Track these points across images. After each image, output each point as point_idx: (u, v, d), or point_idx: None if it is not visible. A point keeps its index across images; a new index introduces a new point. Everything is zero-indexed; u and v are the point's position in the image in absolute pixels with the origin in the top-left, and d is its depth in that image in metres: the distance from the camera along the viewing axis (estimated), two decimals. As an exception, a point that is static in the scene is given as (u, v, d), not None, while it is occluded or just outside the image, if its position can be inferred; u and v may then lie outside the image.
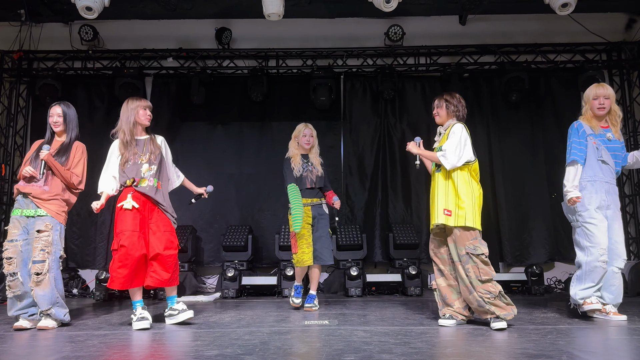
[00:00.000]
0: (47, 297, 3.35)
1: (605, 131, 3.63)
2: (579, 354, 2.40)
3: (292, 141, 4.47)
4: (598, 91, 3.62)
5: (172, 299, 3.55)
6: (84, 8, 5.14)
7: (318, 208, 4.31)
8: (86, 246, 6.26)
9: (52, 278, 3.39)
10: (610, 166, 3.56)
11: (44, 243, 3.42)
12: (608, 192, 3.53)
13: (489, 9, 6.30)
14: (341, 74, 6.67)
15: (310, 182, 4.29)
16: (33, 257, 3.39)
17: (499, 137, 6.48)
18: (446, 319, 3.29)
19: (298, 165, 4.30)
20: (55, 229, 3.50)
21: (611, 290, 3.49)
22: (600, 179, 3.53)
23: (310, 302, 4.23)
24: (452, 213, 3.24)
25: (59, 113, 3.70)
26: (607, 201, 3.50)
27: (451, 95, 3.52)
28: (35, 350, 2.73)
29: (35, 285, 3.35)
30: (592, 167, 3.56)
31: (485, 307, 3.14)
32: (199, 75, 6.38)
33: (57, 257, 3.48)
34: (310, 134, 4.42)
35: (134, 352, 2.56)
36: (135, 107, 3.61)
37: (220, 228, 6.24)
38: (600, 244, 3.40)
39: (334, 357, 2.33)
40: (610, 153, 3.57)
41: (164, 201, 3.55)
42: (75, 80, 6.68)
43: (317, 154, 4.42)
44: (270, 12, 5.33)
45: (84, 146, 3.80)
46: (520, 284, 5.63)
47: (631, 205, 6.40)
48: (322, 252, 4.20)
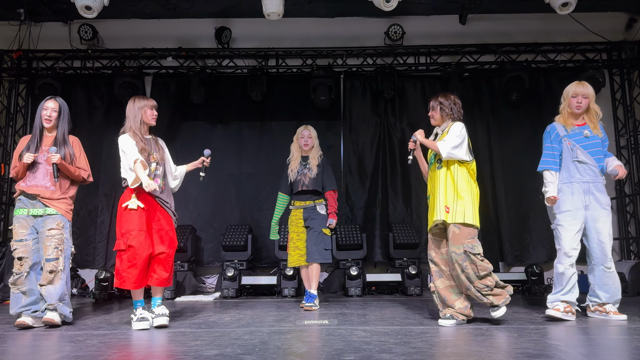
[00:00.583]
0: (58, 293, 3.39)
1: (581, 129, 3.56)
2: (580, 354, 2.39)
3: (294, 143, 4.52)
4: (577, 89, 3.58)
5: (156, 300, 3.45)
6: (84, 7, 5.14)
7: (310, 211, 4.35)
8: (86, 246, 6.25)
9: (64, 275, 3.43)
10: (589, 165, 3.49)
11: (57, 241, 3.44)
12: (587, 192, 3.47)
13: (489, 9, 6.29)
14: (341, 74, 6.66)
15: (302, 185, 4.35)
16: (47, 255, 3.40)
17: (499, 136, 6.48)
18: (446, 318, 3.28)
19: (295, 169, 4.39)
20: (66, 227, 3.54)
21: (606, 289, 3.47)
22: (578, 179, 3.49)
23: (310, 302, 4.22)
24: (451, 210, 3.26)
25: (54, 107, 3.61)
26: (585, 201, 3.46)
27: (445, 97, 3.50)
28: (35, 350, 2.71)
29: (47, 282, 3.37)
30: (567, 168, 3.53)
31: (484, 300, 3.21)
32: (199, 75, 6.37)
33: (69, 255, 3.52)
34: (309, 135, 4.42)
35: (134, 352, 2.55)
36: (143, 106, 3.53)
37: (220, 228, 6.24)
38: (564, 248, 3.42)
39: (333, 356, 2.32)
40: (587, 151, 3.50)
41: (170, 200, 3.58)
42: (75, 79, 6.68)
43: (317, 155, 4.41)
44: (270, 12, 5.32)
45: (78, 138, 3.77)
46: (521, 283, 5.62)
47: (631, 205, 6.39)
48: (311, 250, 4.24)
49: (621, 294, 3.53)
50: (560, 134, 3.58)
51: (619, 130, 6.53)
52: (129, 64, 6.60)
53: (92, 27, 6.35)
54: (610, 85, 6.62)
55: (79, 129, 6.33)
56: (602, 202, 3.48)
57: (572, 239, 3.43)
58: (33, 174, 3.53)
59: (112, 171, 6.43)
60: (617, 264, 5.67)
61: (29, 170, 3.53)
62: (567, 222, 3.45)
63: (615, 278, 3.48)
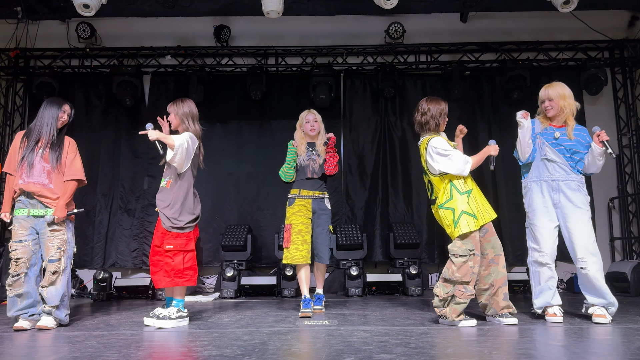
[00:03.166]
0: (58, 294, 3.35)
1: (554, 130, 3.48)
2: (580, 354, 2.37)
3: (297, 131, 4.17)
4: (541, 93, 3.55)
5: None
6: (81, 5, 5.11)
7: (319, 202, 4.02)
8: (84, 246, 6.21)
9: (65, 276, 3.41)
10: (559, 163, 3.42)
11: (60, 242, 3.42)
12: (556, 190, 3.41)
13: (490, 6, 6.25)
14: (341, 72, 6.63)
15: (312, 172, 4.00)
16: (50, 256, 3.37)
17: (500, 135, 6.41)
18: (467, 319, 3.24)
19: (302, 154, 4.04)
20: (68, 227, 3.52)
21: (585, 290, 3.35)
22: (547, 177, 3.45)
23: (319, 304, 4.05)
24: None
25: (70, 113, 3.68)
26: (554, 199, 3.41)
27: (416, 110, 3.46)
28: (33, 351, 2.69)
29: (49, 284, 3.33)
30: (537, 166, 3.50)
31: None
32: (198, 74, 6.34)
33: (71, 255, 3.50)
34: (314, 119, 4.11)
35: (132, 352, 2.52)
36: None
37: (219, 227, 6.20)
38: (536, 247, 3.41)
39: (334, 357, 2.30)
40: (556, 149, 3.43)
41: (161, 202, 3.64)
42: (73, 78, 6.65)
43: (324, 142, 4.08)
44: (270, 10, 5.29)
45: (74, 140, 3.71)
46: (522, 283, 5.60)
47: (634, 204, 6.36)
48: (322, 251, 3.99)
49: (613, 298, 3.29)
50: (535, 130, 3.56)
51: (621, 129, 6.49)
52: (128, 62, 6.57)
53: (90, 26, 6.32)
54: (612, 83, 6.59)
55: (77, 128, 6.26)
56: (574, 200, 3.38)
57: (546, 238, 3.39)
58: (29, 171, 3.47)
59: (110, 171, 6.42)
60: (619, 263, 5.67)
61: (26, 168, 3.47)
62: (540, 221, 3.43)
63: (594, 280, 3.26)
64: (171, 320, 3.36)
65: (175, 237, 3.44)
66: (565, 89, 3.51)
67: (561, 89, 3.50)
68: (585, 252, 3.28)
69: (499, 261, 3.31)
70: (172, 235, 3.44)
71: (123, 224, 6.29)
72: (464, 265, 3.14)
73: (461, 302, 3.16)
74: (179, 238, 3.45)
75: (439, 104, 3.38)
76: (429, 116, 3.35)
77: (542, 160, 3.48)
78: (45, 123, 3.55)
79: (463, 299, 3.15)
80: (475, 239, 3.20)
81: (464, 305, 3.17)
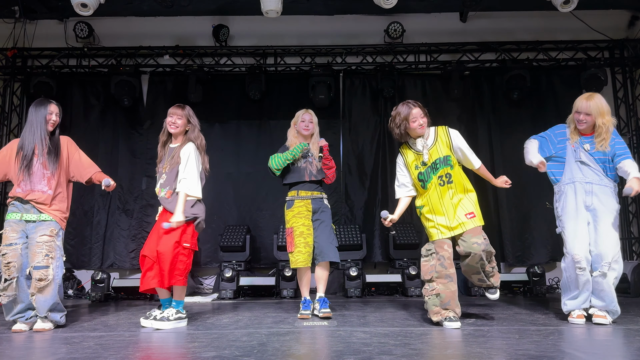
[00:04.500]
0: (47, 303, 3.29)
1: (584, 140, 3.42)
2: (581, 355, 2.36)
3: (291, 129, 4.01)
4: (581, 105, 3.38)
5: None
6: (79, 5, 5.09)
7: (319, 201, 3.86)
8: (82, 246, 6.19)
9: (55, 285, 3.32)
10: (592, 167, 3.39)
11: (48, 248, 3.33)
12: (589, 193, 3.36)
13: (490, 6, 6.24)
14: (340, 72, 6.61)
15: (310, 175, 3.84)
16: (36, 263, 3.28)
17: (500, 135, 6.43)
18: (453, 320, 3.19)
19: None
20: (59, 235, 3.44)
21: (601, 297, 3.29)
22: (580, 179, 3.39)
23: (326, 307, 3.73)
24: (476, 213, 3.34)
25: (58, 112, 3.58)
26: (587, 202, 3.36)
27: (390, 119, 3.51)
28: (30, 352, 2.69)
29: (37, 291, 3.27)
30: (570, 169, 3.44)
31: (487, 282, 3.47)
32: (196, 73, 6.32)
33: (61, 264, 3.41)
34: (310, 119, 3.96)
35: (130, 353, 2.50)
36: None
37: (218, 228, 6.17)
38: (570, 251, 3.31)
39: (333, 358, 2.29)
40: (589, 155, 3.40)
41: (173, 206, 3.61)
42: (70, 78, 6.62)
43: (317, 144, 3.93)
44: (268, 9, 5.27)
45: (70, 138, 3.69)
46: (522, 284, 5.59)
47: (634, 205, 6.35)
48: (326, 247, 3.71)
49: (618, 307, 3.27)
50: (566, 135, 3.52)
51: (621, 129, 6.47)
52: (126, 62, 6.54)
53: (88, 25, 6.29)
54: (612, 83, 6.57)
55: (74, 128, 6.29)
56: (609, 205, 3.34)
57: (581, 242, 3.31)
58: (29, 177, 3.41)
59: (108, 171, 6.33)
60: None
61: (25, 174, 3.41)
62: (571, 224, 3.36)
63: (607, 287, 3.23)
64: (169, 322, 3.34)
65: (192, 236, 3.54)
66: (605, 104, 3.38)
67: (602, 104, 3.37)
68: (611, 259, 3.25)
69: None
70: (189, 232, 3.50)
71: (121, 224, 6.26)
72: (426, 264, 3.41)
73: (426, 300, 3.35)
74: (194, 237, 3.58)
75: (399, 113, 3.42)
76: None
77: (576, 162, 3.43)
78: (36, 129, 3.47)
79: (427, 296, 3.35)
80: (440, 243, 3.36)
81: (430, 304, 3.30)
